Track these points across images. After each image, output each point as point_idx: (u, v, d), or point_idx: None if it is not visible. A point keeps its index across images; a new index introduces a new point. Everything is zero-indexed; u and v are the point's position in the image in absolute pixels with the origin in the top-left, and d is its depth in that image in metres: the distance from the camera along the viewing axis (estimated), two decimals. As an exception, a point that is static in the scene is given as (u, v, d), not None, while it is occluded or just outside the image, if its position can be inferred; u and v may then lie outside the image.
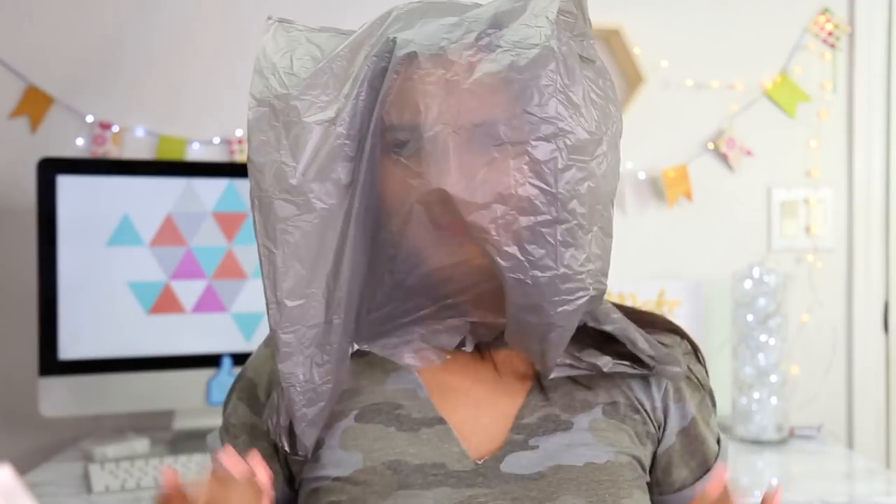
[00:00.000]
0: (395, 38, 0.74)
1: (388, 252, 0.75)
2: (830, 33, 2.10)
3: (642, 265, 2.06)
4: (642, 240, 2.07)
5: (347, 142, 0.74)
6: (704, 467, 0.87)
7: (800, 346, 2.11)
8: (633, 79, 2.03)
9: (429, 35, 0.73)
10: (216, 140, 1.94)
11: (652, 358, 0.81)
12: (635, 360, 0.82)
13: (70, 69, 1.90)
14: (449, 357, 0.81)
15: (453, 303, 0.77)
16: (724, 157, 2.09)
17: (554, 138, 0.70)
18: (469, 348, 0.80)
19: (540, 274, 0.71)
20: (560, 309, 0.72)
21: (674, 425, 0.85)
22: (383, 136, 0.74)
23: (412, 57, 0.72)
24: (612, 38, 2.02)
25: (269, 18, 0.81)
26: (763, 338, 1.87)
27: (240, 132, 1.95)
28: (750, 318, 1.88)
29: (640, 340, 0.82)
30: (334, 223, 0.74)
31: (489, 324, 0.79)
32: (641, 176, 2.06)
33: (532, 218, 0.71)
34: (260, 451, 0.83)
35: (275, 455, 0.84)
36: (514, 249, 0.71)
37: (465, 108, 0.71)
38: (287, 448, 0.78)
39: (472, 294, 0.77)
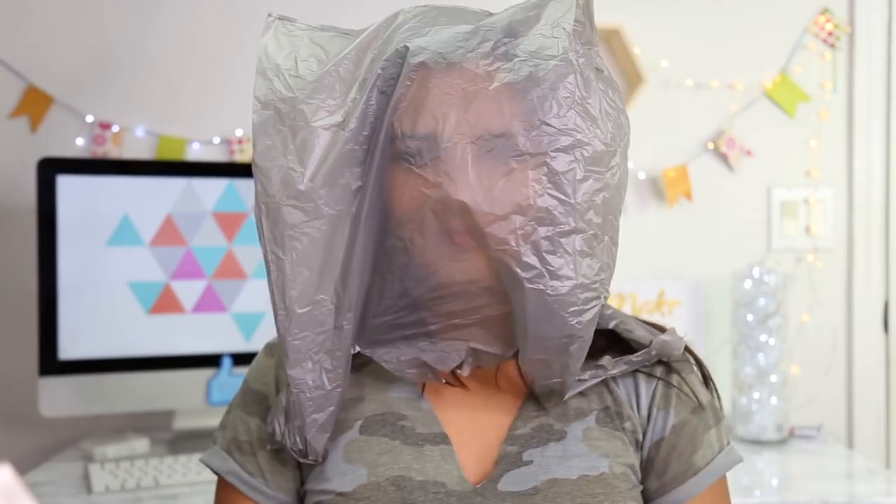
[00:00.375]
0: (407, 45, 0.73)
1: (400, 260, 0.75)
2: (830, 33, 2.10)
3: (642, 265, 2.06)
4: (642, 240, 2.07)
5: (356, 147, 0.73)
6: (679, 481, 0.83)
7: (800, 346, 2.11)
8: (633, 79, 2.03)
9: (444, 43, 0.73)
10: (216, 140, 1.94)
11: (651, 343, 0.81)
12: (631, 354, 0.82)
13: (70, 69, 1.90)
14: (445, 381, 0.81)
15: (459, 323, 0.76)
16: (724, 157, 2.09)
17: (572, 150, 0.71)
18: (466, 372, 0.79)
19: (559, 284, 0.71)
20: (578, 319, 0.72)
21: (652, 433, 0.83)
22: (394, 143, 0.73)
23: (427, 65, 0.72)
24: (612, 38, 2.02)
25: (270, 15, 0.80)
26: (763, 338, 1.87)
27: (240, 132, 1.95)
28: (750, 318, 1.88)
29: (638, 328, 0.83)
30: (342, 228, 0.74)
31: (490, 354, 0.78)
32: (641, 176, 2.06)
33: (551, 228, 0.71)
34: (285, 462, 0.83)
35: (296, 463, 0.83)
36: (533, 260, 0.71)
37: (484, 119, 0.71)
38: (300, 448, 0.78)
39: (478, 317, 0.76)
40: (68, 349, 1.67)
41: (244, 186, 1.77)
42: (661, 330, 0.86)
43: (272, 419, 0.79)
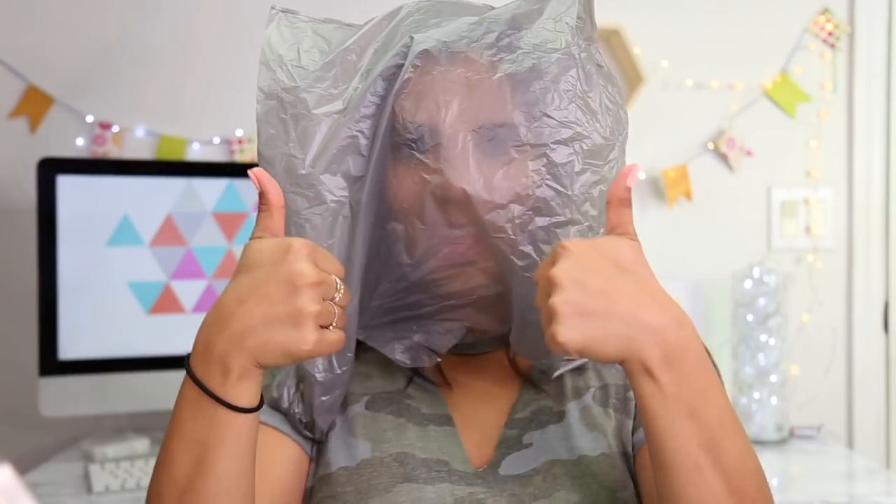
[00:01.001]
0: (412, 35, 0.74)
1: (398, 244, 0.76)
2: (830, 33, 2.10)
3: (642, 265, 2.06)
4: (642, 240, 2.05)
5: (357, 134, 0.74)
6: None
7: (800, 346, 2.11)
8: (633, 79, 2.03)
9: (448, 32, 0.74)
10: (216, 140, 1.94)
11: None
12: None
13: (70, 69, 1.90)
14: (440, 360, 0.81)
15: (455, 305, 0.77)
16: (724, 157, 2.09)
17: (572, 142, 0.72)
18: (455, 341, 0.80)
19: None
20: None
21: None
22: (395, 130, 0.74)
23: (431, 53, 0.73)
24: (612, 38, 2.02)
25: (273, 9, 0.81)
26: (763, 338, 1.87)
27: (240, 132, 1.95)
28: (750, 318, 1.88)
29: None
30: (345, 215, 0.75)
31: (486, 332, 0.79)
32: (641, 176, 2.06)
33: (548, 219, 0.72)
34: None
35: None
36: (529, 249, 0.72)
37: (486, 108, 0.72)
38: (307, 421, 0.79)
39: (474, 298, 0.77)
40: (68, 349, 1.67)
41: (244, 186, 1.77)
42: None
43: (280, 384, 0.80)
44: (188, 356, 0.67)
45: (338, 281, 0.66)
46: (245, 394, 0.65)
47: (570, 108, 0.72)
